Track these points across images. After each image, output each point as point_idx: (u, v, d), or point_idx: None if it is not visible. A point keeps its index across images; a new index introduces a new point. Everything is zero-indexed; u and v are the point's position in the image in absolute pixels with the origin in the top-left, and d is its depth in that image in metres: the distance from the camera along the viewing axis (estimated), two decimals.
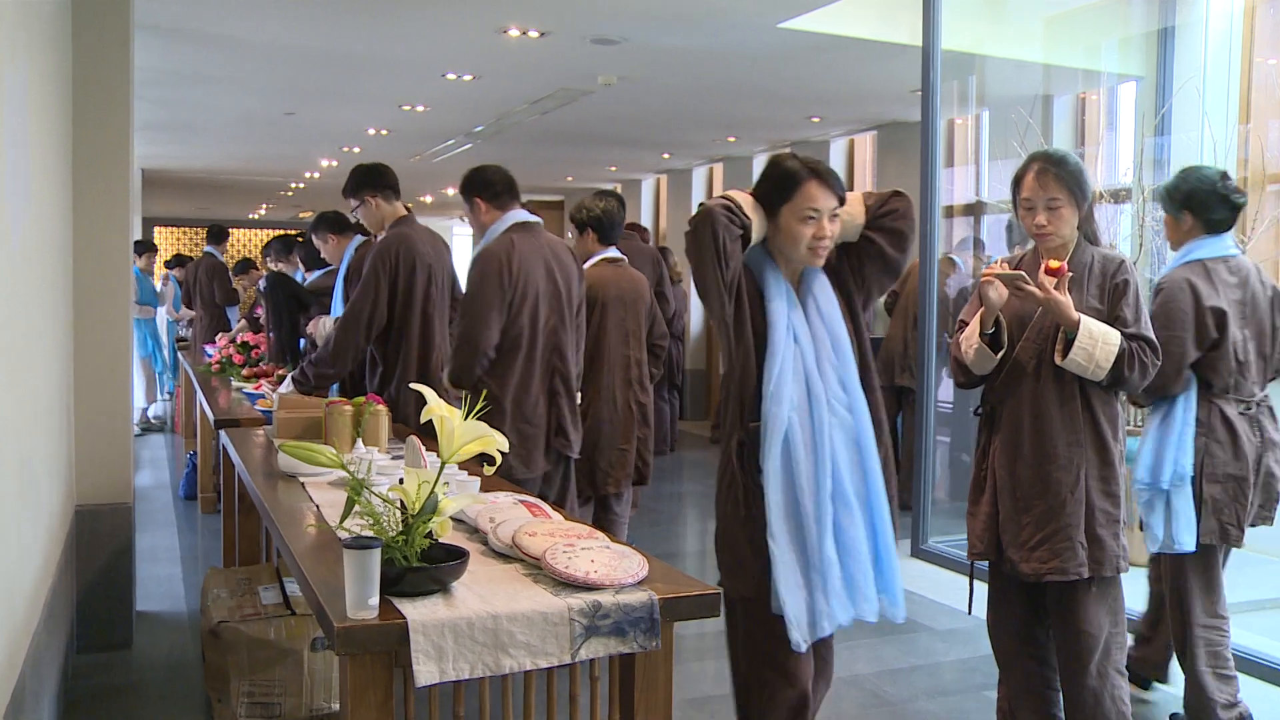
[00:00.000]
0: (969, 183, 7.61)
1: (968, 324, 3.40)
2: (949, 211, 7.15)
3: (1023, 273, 3.22)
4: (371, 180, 5.01)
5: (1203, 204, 3.66)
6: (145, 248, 11.47)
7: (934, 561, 6.11)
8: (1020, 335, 3.32)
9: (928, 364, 6.33)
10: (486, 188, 4.30)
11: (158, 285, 12.39)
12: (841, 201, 2.91)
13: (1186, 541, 3.59)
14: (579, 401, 4.45)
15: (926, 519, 6.35)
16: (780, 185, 2.86)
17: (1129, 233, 5.87)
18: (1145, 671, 4.21)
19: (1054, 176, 3.25)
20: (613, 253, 5.22)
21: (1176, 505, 3.62)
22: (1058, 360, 3.20)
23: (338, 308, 5.44)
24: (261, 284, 7.78)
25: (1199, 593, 3.66)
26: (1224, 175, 3.70)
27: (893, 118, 9.69)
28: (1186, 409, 3.64)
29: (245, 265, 10.77)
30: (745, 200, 2.86)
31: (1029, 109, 6.54)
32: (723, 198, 2.85)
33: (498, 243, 4.18)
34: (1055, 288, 3.16)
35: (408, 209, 5.11)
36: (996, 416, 3.37)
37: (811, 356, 2.83)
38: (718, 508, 2.96)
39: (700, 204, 2.82)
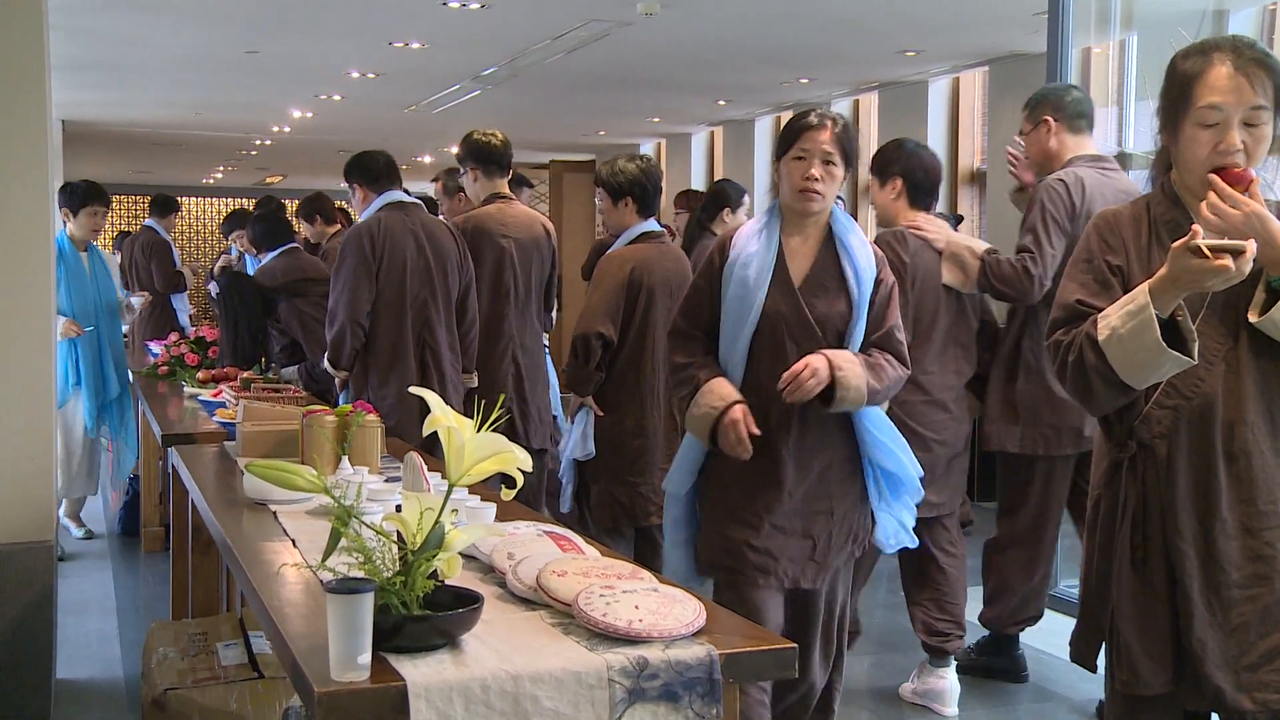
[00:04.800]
0: (1109, 129, 7.53)
1: (1087, 306, 2.81)
2: None
3: (1242, 244, 2.51)
4: (475, 151, 5.99)
5: None
6: (85, 197, 7.29)
7: (1066, 610, 6.06)
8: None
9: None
10: (365, 172, 5.76)
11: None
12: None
13: None
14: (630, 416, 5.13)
15: (1056, 557, 6.30)
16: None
17: None
18: None
19: (1263, 71, 2.67)
20: (653, 225, 5.24)
21: None
22: (1254, 318, 2.65)
23: None
24: (213, 287, 7.83)
25: None
26: None
27: (1010, 49, 9.64)
28: None
29: (121, 238, 11.08)
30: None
31: (1194, 29, 6.44)
32: None
33: (367, 219, 5.61)
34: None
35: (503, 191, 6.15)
36: (1154, 460, 2.79)
37: None
38: None
39: None
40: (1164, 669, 2.76)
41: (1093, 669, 2.97)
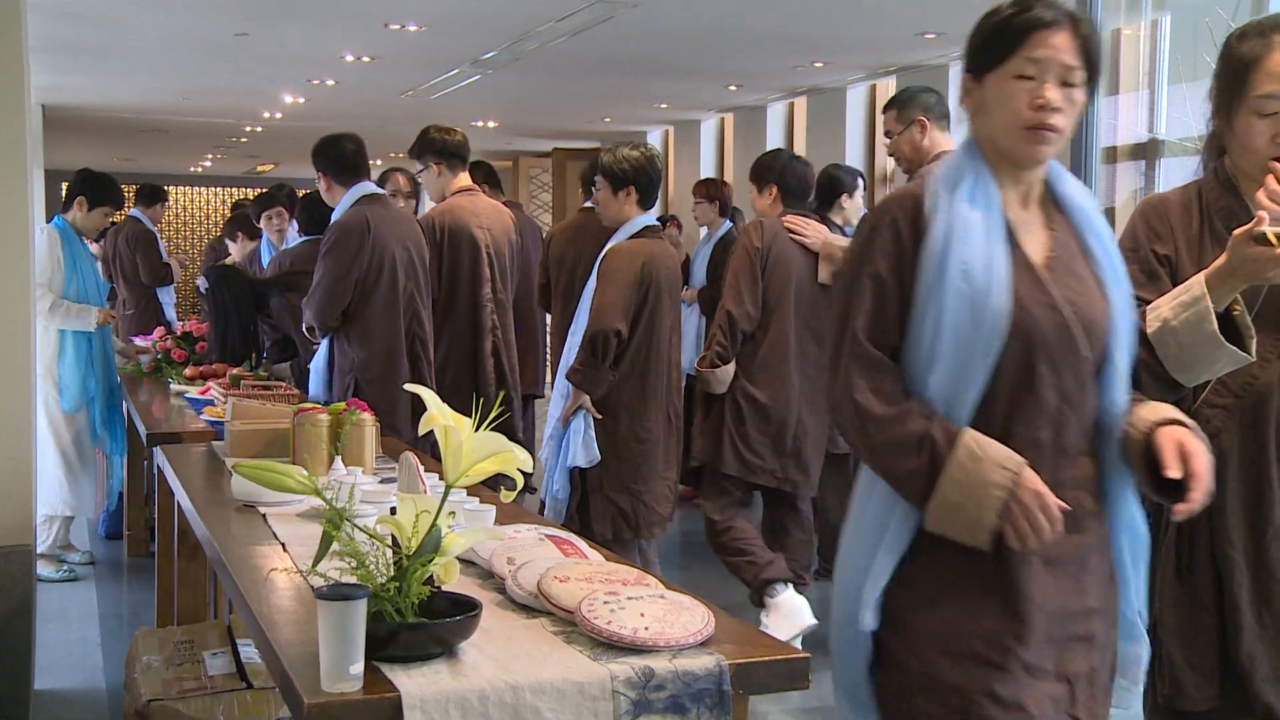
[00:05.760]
0: (1140, 115, 7.52)
1: (1134, 298, 2.58)
2: (1111, 154, 7.08)
3: None
4: (439, 147, 6.18)
5: None
6: (105, 196, 7.45)
7: None
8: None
9: None
10: (333, 162, 5.73)
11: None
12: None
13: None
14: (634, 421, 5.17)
15: None
16: None
17: None
18: None
19: None
20: (653, 219, 5.24)
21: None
22: None
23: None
24: (201, 282, 7.81)
25: None
26: None
27: None
28: None
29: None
30: None
31: (1231, 9, 6.39)
32: None
33: (351, 214, 5.61)
34: None
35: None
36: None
37: None
38: None
39: None
40: (1209, 683, 2.69)
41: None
